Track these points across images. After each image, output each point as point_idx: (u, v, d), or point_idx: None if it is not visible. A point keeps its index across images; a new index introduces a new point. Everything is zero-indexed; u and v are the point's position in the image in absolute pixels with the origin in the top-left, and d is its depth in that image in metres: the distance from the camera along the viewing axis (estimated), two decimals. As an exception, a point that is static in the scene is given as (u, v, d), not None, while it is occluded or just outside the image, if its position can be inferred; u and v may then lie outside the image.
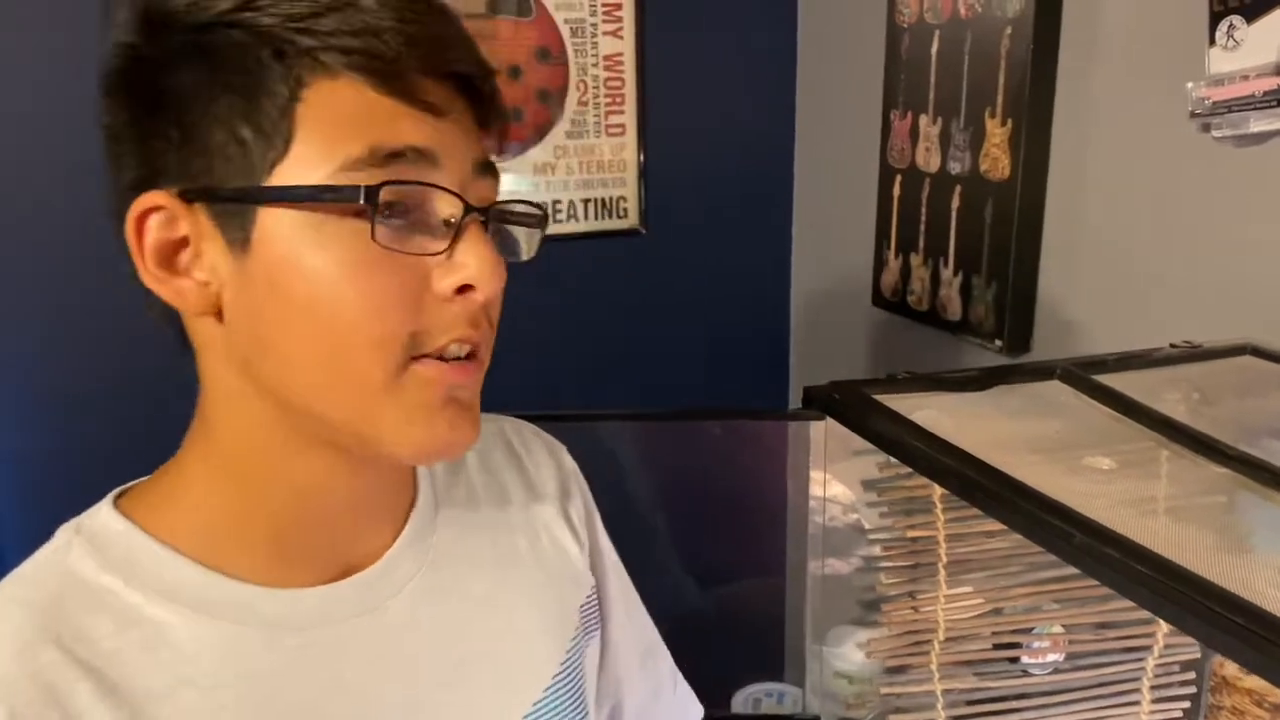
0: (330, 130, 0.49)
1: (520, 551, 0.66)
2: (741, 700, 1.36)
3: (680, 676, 0.81)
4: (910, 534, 0.83)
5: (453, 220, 0.51)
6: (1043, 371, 0.85)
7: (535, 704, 0.62)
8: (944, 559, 0.85)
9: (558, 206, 1.69)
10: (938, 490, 0.80)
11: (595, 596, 0.72)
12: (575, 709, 0.65)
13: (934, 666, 0.88)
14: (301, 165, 0.49)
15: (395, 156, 0.49)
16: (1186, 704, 0.95)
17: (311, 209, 0.49)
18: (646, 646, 0.77)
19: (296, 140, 0.49)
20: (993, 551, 0.86)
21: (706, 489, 1.00)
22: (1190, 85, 0.99)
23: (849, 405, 0.75)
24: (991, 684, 0.90)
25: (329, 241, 0.49)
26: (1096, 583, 0.92)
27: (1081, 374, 0.83)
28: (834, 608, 0.98)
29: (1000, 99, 1.25)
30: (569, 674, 0.65)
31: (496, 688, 0.61)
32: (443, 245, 0.51)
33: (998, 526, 0.86)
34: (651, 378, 1.76)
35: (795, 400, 1.80)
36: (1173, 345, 0.90)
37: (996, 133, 1.25)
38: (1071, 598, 0.90)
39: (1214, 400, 0.81)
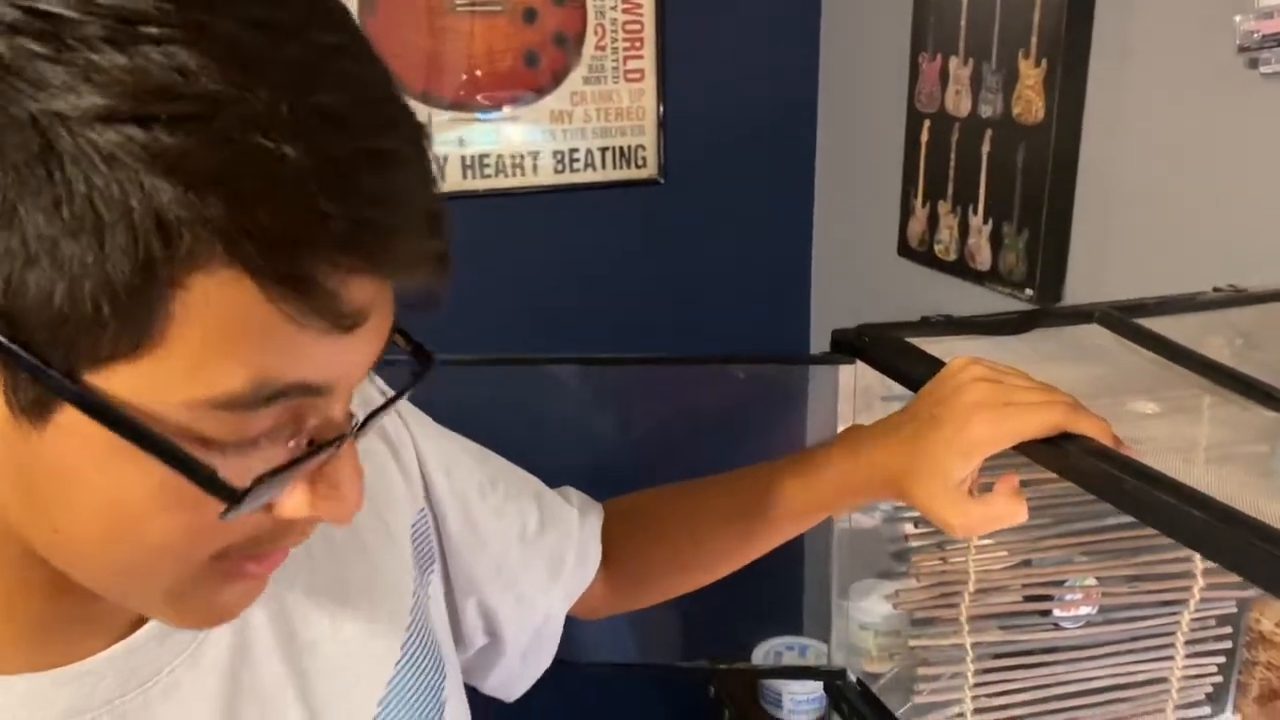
0: (208, 345, 0.34)
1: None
2: (762, 654, 1.35)
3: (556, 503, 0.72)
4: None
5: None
6: (1081, 315, 0.81)
7: (389, 682, 0.54)
8: (975, 509, 0.83)
9: (574, 155, 1.65)
10: (971, 437, 0.77)
11: (426, 516, 0.62)
12: (430, 664, 0.58)
13: (963, 619, 0.85)
14: (155, 378, 0.34)
15: (279, 395, 0.36)
16: (1221, 659, 0.93)
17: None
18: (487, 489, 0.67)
19: (156, 341, 0.34)
20: (1026, 501, 0.83)
21: (726, 438, 0.97)
22: (1238, 19, 0.95)
23: (880, 348, 0.73)
24: (1022, 637, 0.87)
25: (153, 467, 0.35)
26: (1131, 533, 0.89)
27: (1122, 317, 0.79)
28: (859, 561, 0.95)
29: (1034, 39, 1.20)
30: (416, 633, 0.57)
31: (346, 685, 0.53)
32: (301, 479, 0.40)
33: (1032, 475, 0.83)
34: (669, 329, 1.74)
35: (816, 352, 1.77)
36: (1216, 289, 0.87)
37: (1030, 74, 1.21)
38: (1105, 549, 0.87)
39: (1260, 344, 0.77)
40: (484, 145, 1.61)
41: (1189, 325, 0.80)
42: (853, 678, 0.86)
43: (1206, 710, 0.95)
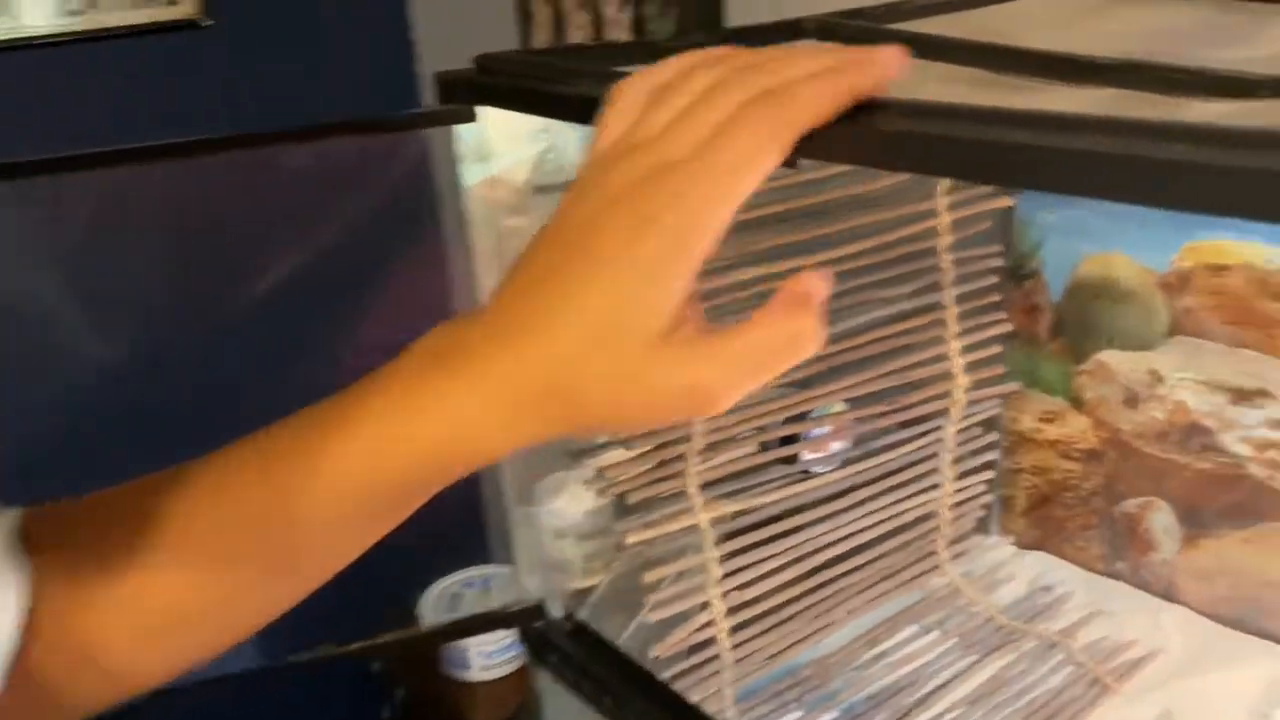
0: None
1: None
2: (435, 599, 1.04)
3: None
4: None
5: None
6: (785, 29, 0.57)
7: None
8: (689, 330, 0.57)
9: (74, -9, 1.20)
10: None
11: None
12: None
13: (692, 490, 0.61)
14: None
15: None
16: (990, 474, 0.76)
17: None
18: None
19: None
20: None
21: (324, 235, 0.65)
22: None
23: (524, 75, 0.43)
24: (768, 500, 0.64)
25: None
26: (886, 330, 0.69)
27: (848, 23, 0.56)
28: (540, 454, 0.67)
29: None
30: None
31: None
32: None
33: (762, 271, 0.59)
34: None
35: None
36: (940, -8, 0.66)
37: None
38: (858, 356, 0.66)
39: (1022, 36, 0.56)
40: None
41: (930, 26, 0.58)
42: (557, 611, 0.59)
43: (979, 539, 0.78)
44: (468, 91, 0.45)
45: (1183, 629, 0.68)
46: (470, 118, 0.45)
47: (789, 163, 0.36)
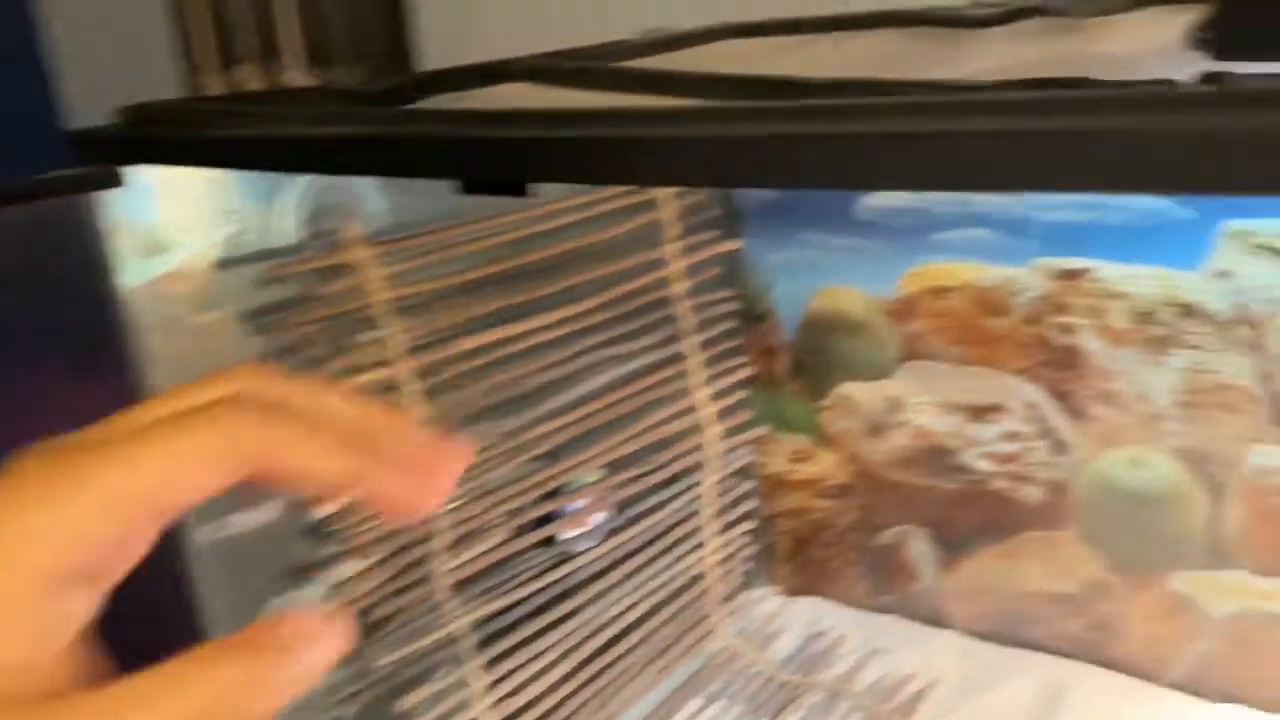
0: None
1: None
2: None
3: None
4: (357, 373, 0.46)
5: None
6: (491, 74, 0.52)
7: None
8: (423, 410, 0.50)
9: None
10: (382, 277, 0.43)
11: None
12: None
13: (443, 594, 0.53)
14: None
15: None
16: (752, 524, 0.73)
17: None
18: None
19: None
20: (496, 377, 0.53)
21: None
22: None
23: (187, 125, 0.35)
24: (530, 591, 0.58)
25: None
26: (633, 388, 0.65)
27: (561, 65, 0.52)
28: (259, 580, 0.57)
29: None
30: None
31: None
32: None
33: (489, 338, 0.53)
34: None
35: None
36: (648, 30, 0.64)
37: None
38: (606, 418, 0.61)
39: (743, 67, 0.55)
40: None
41: (644, 66, 0.55)
42: (297, 769, 0.49)
43: (748, 594, 0.75)
44: (117, 149, 0.36)
45: (954, 653, 0.67)
46: (114, 182, 0.37)
47: (517, 191, 0.31)
